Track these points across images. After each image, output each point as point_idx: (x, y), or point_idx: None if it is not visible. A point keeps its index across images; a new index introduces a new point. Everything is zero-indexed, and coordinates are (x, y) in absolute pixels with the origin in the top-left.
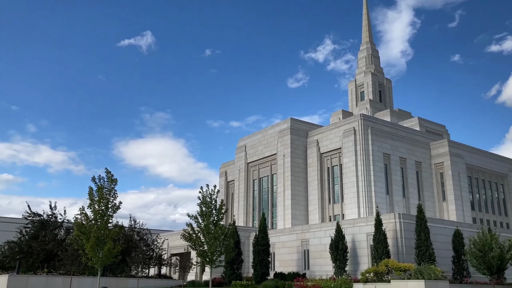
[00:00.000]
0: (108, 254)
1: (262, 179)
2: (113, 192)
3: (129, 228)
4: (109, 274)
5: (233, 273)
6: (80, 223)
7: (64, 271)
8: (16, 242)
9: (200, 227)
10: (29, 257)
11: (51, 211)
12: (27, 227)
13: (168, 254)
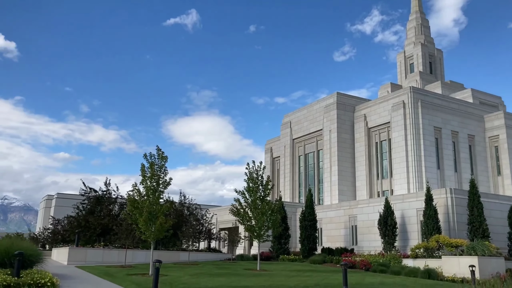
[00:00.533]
0: (160, 229)
1: (308, 155)
2: (164, 168)
3: (179, 203)
4: (161, 247)
5: (280, 247)
6: (133, 199)
7: (119, 245)
8: (74, 217)
9: (247, 203)
10: (87, 231)
11: (105, 187)
12: (83, 203)
13: (217, 229)
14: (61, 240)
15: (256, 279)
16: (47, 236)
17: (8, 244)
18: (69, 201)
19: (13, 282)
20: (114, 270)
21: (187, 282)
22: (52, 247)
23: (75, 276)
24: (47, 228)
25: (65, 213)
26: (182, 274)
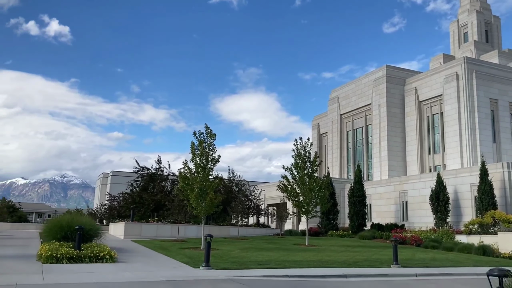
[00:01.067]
0: (210, 204)
1: (356, 130)
2: (212, 146)
3: (228, 180)
4: (211, 222)
5: (329, 223)
6: (184, 176)
7: (172, 220)
8: (129, 193)
9: (295, 179)
10: (141, 207)
11: (157, 165)
12: (137, 180)
13: (265, 204)
14: (117, 215)
15: (305, 254)
16: (104, 212)
17: (69, 219)
18: (123, 178)
19: (75, 254)
20: (167, 244)
21: (237, 256)
22: (109, 222)
23: (131, 249)
24: (104, 204)
25: (120, 189)
26: (232, 248)
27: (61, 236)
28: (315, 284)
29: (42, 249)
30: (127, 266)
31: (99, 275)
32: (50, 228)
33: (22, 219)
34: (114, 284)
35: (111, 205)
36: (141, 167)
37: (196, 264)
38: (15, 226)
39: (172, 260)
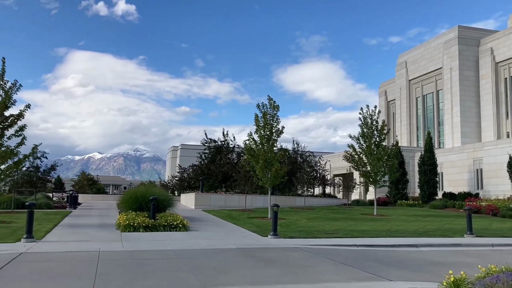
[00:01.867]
0: (275, 175)
1: (426, 96)
2: (276, 117)
3: (292, 151)
4: (277, 193)
5: (398, 193)
6: (249, 147)
7: (239, 190)
8: (197, 165)
9: (362, 149)
10: (210, 178)
11: (223, 138)
12: (205, 153)
13: (331, 175)
14: (187, 186)
15: (373, 223)
16: (175, 183)
17: (143, 191)
18: (192, 151)
19: (151, 223)
20: (236, 214)
21: (304, 225)
22: (180, 193)
23: (202, 218)
24: (175, 176)
25: (189, 162)
26: (299, 218)
27: (137, 207)
28: (385, 254)
29: (120, 218)
30: (199, 234)
31: (174, 243)
32: (126, 199)
33: (100, 191)
34: (188, 251)
35: (182, 176)
36: (209, 139)
37: (263, 233)
38: (95, 197)
39: (241, 228)
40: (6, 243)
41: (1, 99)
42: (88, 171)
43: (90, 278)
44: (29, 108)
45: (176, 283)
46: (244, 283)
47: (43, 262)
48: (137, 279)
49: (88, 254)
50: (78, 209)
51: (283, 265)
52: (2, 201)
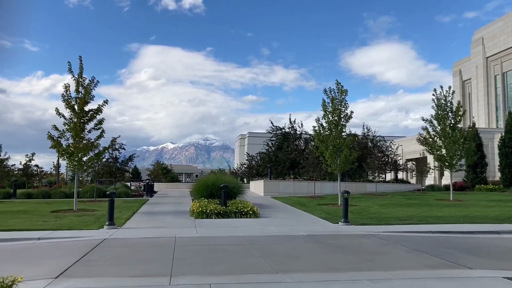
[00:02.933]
0: (345, 161)
1: (506, 74)
2: (344, 102)
3: (362, 136)
4: (347, 179)
5: (476, 177)
6: (318, 133)
7: (307, 177)
8: (265, 153)
9: (436, 131)
10: (277, 165)
11: (290, 125)
12: (272, 140)
13: (403, 160)
14: (255, 174)
15: (449, 209)
16: (244, 171)
17: (214, 178)
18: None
19: (222, 210)
20: (305, 200)
21: (376, 211)
22: (249, 180)
23: (272, 205)
24: (243, 164)
25: (257, 149)
26: (370, 204)
27: (208, 194)
28: (463, 240)
29: (193, 205)
30: (269, 221)
31: (245, 229)
32: (198, 187)
33: (174, 179)
34: (259, 237)
35: (250, 164)
36: (275, 127)
37: (334, 220)
38: (169, 186)
39: (311, 215)
40: (90, 229)
41: (81, 95)
42: (162, 161)
43: (168, 262)
44: (106, 103)
45: (249, 268)
46: (316, 270)
47: (124, 247)
48: (212, 264)
49: (165, 240)
50: (154, 197)
51: (356, 252)
52: (85, 191)
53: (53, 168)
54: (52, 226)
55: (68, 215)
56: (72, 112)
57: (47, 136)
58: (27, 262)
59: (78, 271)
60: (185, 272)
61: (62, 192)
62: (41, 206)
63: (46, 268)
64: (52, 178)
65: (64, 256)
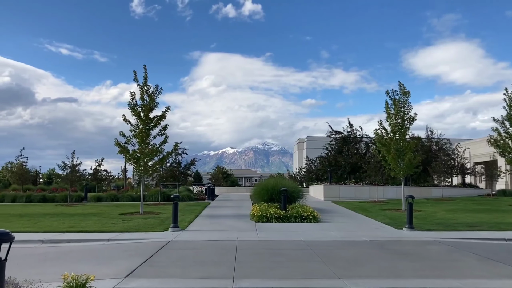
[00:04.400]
0: (408, 165)
1: None
2: (407, 104)
3: (426, 139)
4: (411, 184)
5: None
6: (380, 136)
7: (369, 181)
8: (325, 157)
9: (508, 133)
10: (338, 169)
11: (350, 128)
12: (331, 144)
13: (471, 163)
14: (315, 178)
15: None
16: (303, 175)
17: (273, 183)
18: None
19: (282, 214)
20: (367, 205)
21: (442, 217)
22: (309, 185)
23: (332, 210)
24: (302, 168)
25: (316, 154)
26: (436, 210)
27: (268, 198)
28: None
29: (254, 209)
30: (329, 225)
31: (305, 233)
32: (258, 191)
33: (234, 183)
34: (320, 242)
35: (309, 168)
36: (334, 131)
37: (398, 225)
38: (229, 189)
39: (373, 220)
40: (156, 232)
41: (146, 103)
42: (222, 165)
43: (230, 265)
44: (169, 109)
45: (311, 273)
46: (380, 276)
47: (188, 249)
48: (273, 268)
49: (227, 243)
50: (216, 201)
51: (421, 258)
52: (150, 194)
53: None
54: (120, 228)
55: (135, 218)
56: (138, 118)
57: (115, 143)
58: (98, 262)
59: (145, 272)
60: (247, 275)
61: (129, 196)
62: (110, 209)
63: (116, 268)
64: (119, 182)
65: (132, 257)
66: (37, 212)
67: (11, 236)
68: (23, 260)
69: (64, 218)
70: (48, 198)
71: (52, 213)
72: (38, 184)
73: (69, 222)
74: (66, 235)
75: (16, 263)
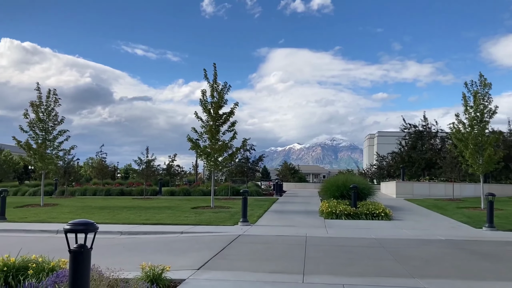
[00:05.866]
0: (488, 161)
1: None
2: (487, 96)
3: (508, 133)
4: (491, 181)
5: None
6: (457, 130)
7: (444, 178)
8: (397, 152)
9: None
10: (411, 166)
11: (425, 122)
12: (405, 139)
13: None
14: (386, 175)
15: None
16: (373, 172)
17: (343, 179)
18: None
19: (352, 211)
20: (442, 203)
21: None
22: (380, 182)
23: (405, 207)
24: (373, 164)
25: (387, 149)
26: None
27: (337, 195)
28: None
29: (323, 206)
30: (402, 223)
31: (376, 231)
32: (327, 187)
33: (301, 180)
34: (392, 240)
35: (380, 164)
36: (408, 124)
37: (477, 224)
38: (297, 185)
39: (449, 219)
40: (226, 225)
41: (216, 100)
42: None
43: (300, 260)
44: (237, 106)
45: (383, 271)
46: (457, 277)
47: (258, 244)
48: (343, 265)
49: (296, 238)
50: (284, 197)
51: (503, 260)
52: (220, 189)
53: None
54: (192, 221)
55: (206, 212)
56: (208, 115)
57: (187, 139)
58: (173, 253)
59: (217, 264)
60: (317, 271)
61: (200, 190)
62: (182, 202)
63: (189, 259)
64: (191, 177)
65: (204, 250)
66: (115, 205)
67: (96, 226)
68: (105, 250)
69: (140, 211)
70: (125, 192)
71: (130, 206)
72: (116, 179)
73: (145, 215)
74: (143, 227)
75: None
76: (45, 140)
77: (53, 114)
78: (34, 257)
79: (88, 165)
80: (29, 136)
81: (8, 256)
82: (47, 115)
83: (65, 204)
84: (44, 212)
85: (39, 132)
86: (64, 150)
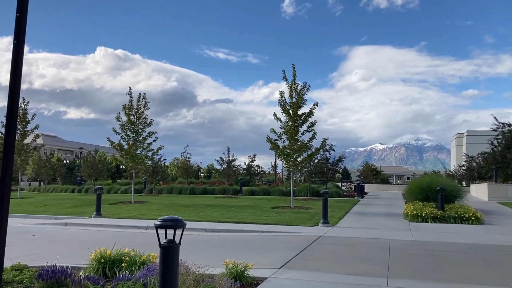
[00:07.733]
0: None
1: None
2: None
3: None
4: None
5: None
6: None
7: None
8: (489, 153)
9: None
10: (505, 167)
11: None
12: (497, 138)
13: None
14: (476, 176)
15: None
16: (462, 173)
17: (429, 180)
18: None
19: (439, 214)
20: None
21: None
22: (469, 184)
23: (498, 211)
24: (461, 165)
25: (477, 149)
26: None
27: (423, 197)
28: None
29: (407, 208)
30: (495, 228)
31: (466, 236)
32: (412, 189)
33: (384, 181)
34: (484, 245)
35: (469, 165)
36: (501, 123)
37: None
38: (379, 187)
39: None
40: (306, 226)
41: (295, 100)
42: (371, 162)
43: (383, 264)
44: (317, 106)
45: (474, 278)
46: None
47: (339, 245)
48: (429, 270)
49: (378, 241)
50: (365, 198)
51: None
52: (299, 190)
53: (271, 168)
54: (272, 221)
55: (286, 212)
56: (287, 116)
57: (266, 139)
58: (254, 251)
59: (298, 264)
60: (402, 275)
61: (280, 190)
62: (262, 202)
63: (270, 258)
64: (270, 177)
65: (285, 249)
66: (199, 203)
67: (184, 223)
68: (190, 246)
69: (222, 209)
70: (208, 191)
71: (212, 205)
72: (200, 178)
73: (227, 213)
74: (225, 225)
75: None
76: (136, 141)
77: (143, 117)
78: (127, 250)
79: (174, 165)
80: (121, 137)
81: (104, 249)
82: (138, 117)
83: (153, 202)
84: (135, 209)
85: (130, 134)
86: (153, 151)
